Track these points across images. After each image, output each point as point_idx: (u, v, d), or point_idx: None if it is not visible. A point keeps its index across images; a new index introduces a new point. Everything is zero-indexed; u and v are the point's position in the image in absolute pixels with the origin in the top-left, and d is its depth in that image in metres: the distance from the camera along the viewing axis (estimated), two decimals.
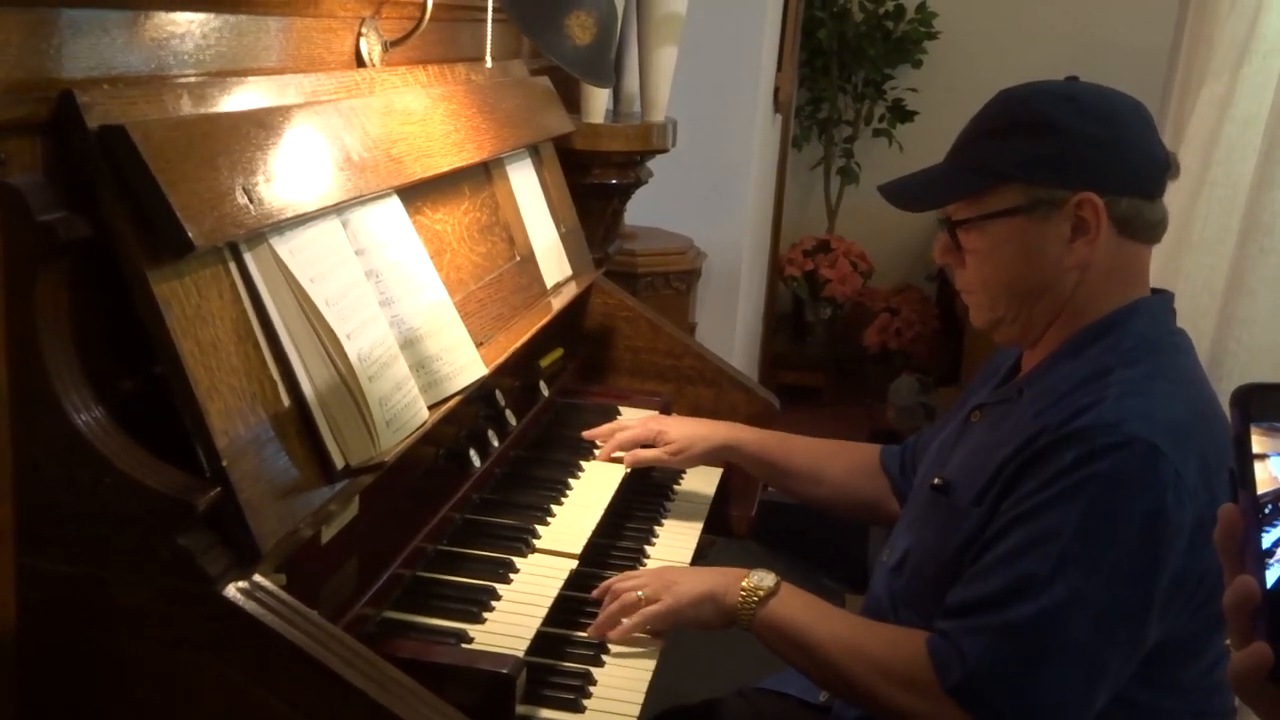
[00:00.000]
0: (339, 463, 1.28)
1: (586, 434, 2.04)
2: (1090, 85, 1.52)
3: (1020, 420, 1.46)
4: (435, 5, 1.73)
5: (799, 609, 1.54)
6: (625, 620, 1.58)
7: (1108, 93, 1.50)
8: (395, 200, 1.55)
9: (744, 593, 1.55)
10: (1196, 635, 1.41)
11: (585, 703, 1.47)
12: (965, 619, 1.39)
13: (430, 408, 1.47)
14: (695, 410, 2.29)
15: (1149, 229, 1.49)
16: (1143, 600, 1.34)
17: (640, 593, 1.59)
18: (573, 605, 1.64)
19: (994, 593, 1.37)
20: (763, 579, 1.56)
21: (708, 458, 2.02)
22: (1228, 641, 0.72)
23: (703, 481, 2.11)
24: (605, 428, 2.04)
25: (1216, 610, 1.39)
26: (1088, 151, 1.45)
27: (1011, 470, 1.41)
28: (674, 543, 1.93)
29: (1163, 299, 1.54)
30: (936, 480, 1.55)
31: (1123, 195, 1.45)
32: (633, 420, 2.04)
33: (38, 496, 1.10)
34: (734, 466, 2.10)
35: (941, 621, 1.43)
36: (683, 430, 1.99)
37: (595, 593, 1.65)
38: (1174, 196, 2.35)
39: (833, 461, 1.96)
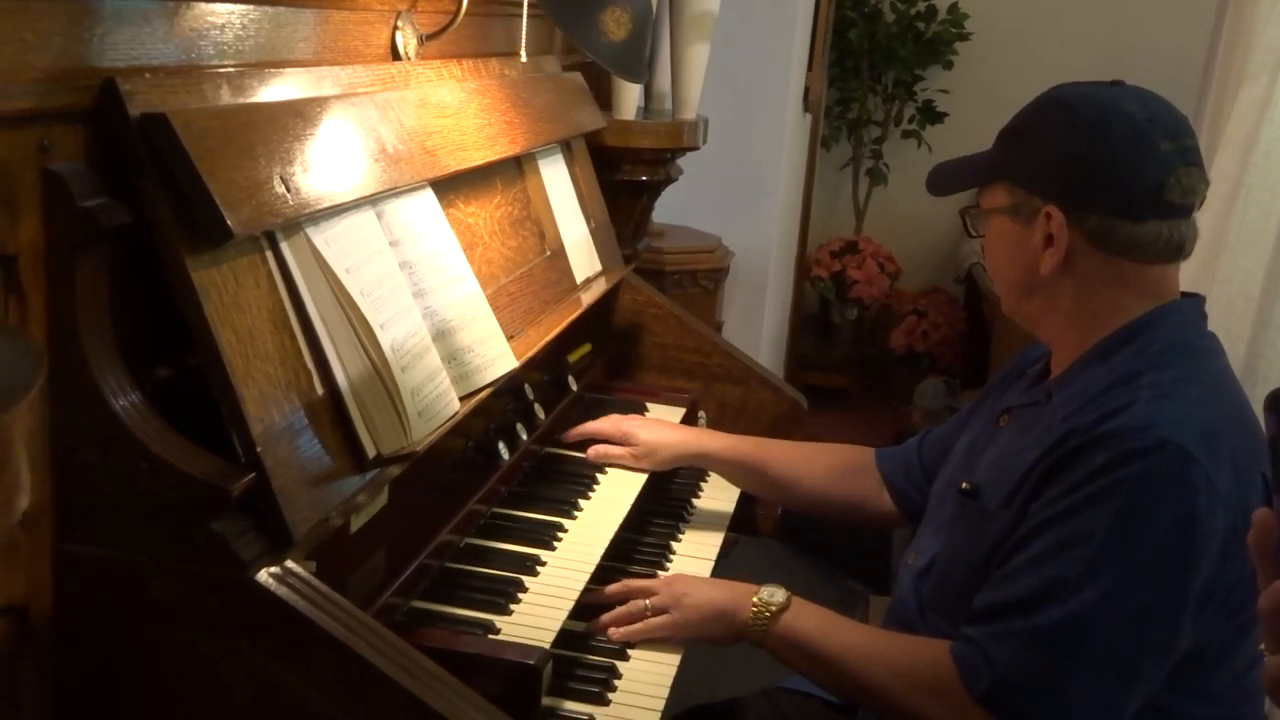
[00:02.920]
0: (370, 452, 1.29)
1: (568, 435, 1.99)
2: (1107, 94, 1.48)
3: (1049, 423, 1.45)
4: (470, 0, 1.74)
5: (812, 622, 1.53)
6: (631, 627, 1.59)
7: (1116, 106, 1.45)
8: (429, 193, 1.56)
9: (755, 609, 1.55)
10: (1228, 641, 1.39)
11: (610, 696, 1.48)
12: (993, 623, 1.38)
13: (461, 399, 1.47)
14: (722, 408, 2.29)
15: (1133, 248, 1.45)
16: (1174, 605, 1.33)
17: (648, 602, 1.60)
18: (599, 599, 1.64)
19: (1022, 596, 1.36)
20: (773, 594, 1.55)
21: (676, 463, 2.00)
22: (1261, 646, 0.72)
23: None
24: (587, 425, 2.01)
25: (1248, 615, 1.39)
26: (1060, 166, 1.46)
27: (1040, 472, 1.41)
28: (699, 540, 1.93)
29: (1193, 303, 1.52)
30: (965, 484, 1.55)
31: (1092, 213, 1.44)
32: (609, 416, 2.02)
33: (75, 481, 1.12)
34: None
35: (968, 627, 1.41)
36: (652, 434, 1.96)
37: (609, 589, 1.65)
38: (1210, 201, 2.33)
39: (812, 464, 1.94)
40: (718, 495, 2.08)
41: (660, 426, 2.02)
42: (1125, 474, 1.33)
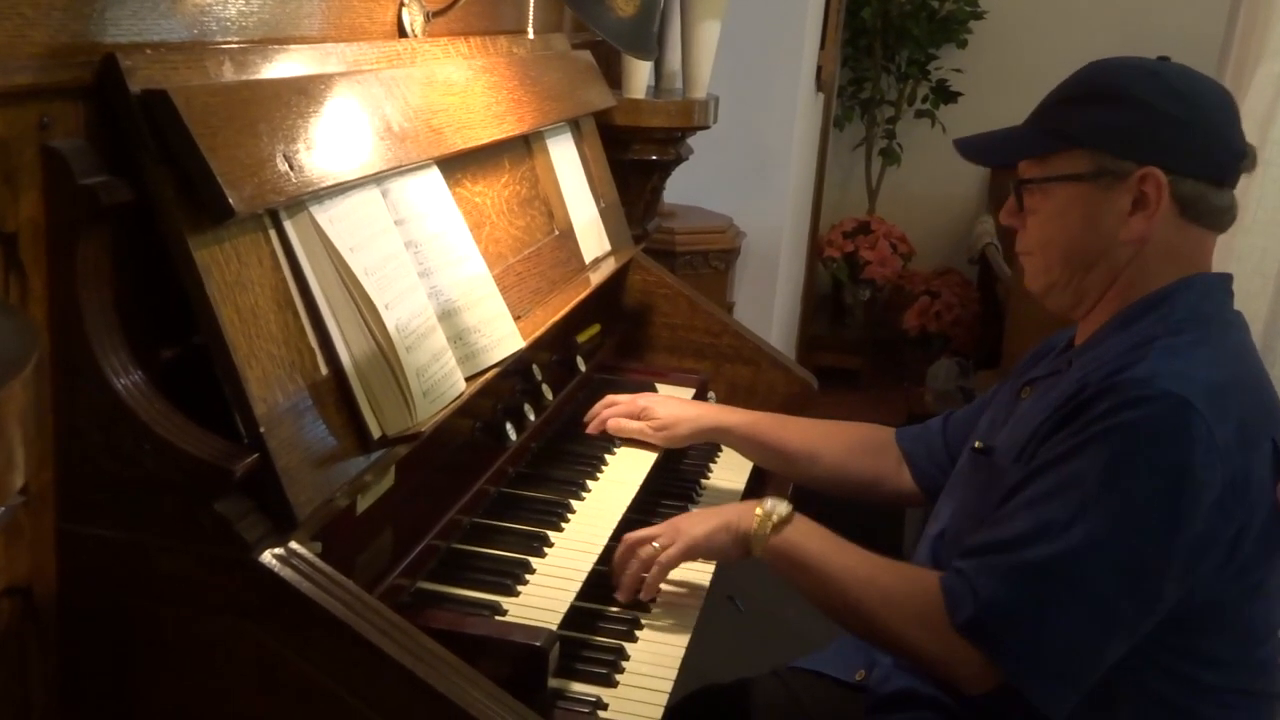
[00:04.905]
0: (375, 433, 1.28)
1: (587, 421, 1.99)
2: (1179, 66, 1.50)
3: (1066, 386, 1.46)
4: None
5: (814, 538, 1.54)
6: (648, 575, 1.58)
7: (1195, 75, 1.48)
8: (435, 171, 1.55)
9: (759, 518, 1.55)
10: (1237, 603, 1.39)
11: (618, 678, 1.47)
12: (983, 557, 1.40)
13: (467, 380, 1.46)
14: (733, 388, 2.28)
15: (1213, 215, 1.47)
16: (1163, 552, 1.33)
17: (655, 543, 1.60)
18: (606, 580, 1.63)
19: (1014, 534, 1.38)
20: (777, 505, 1.55)
21: (694, 438, 1.99)
22: None
23: (738, 460, 2.09)
24: (596, 407, 2.01)
25: (1255, 580, 1.38)
26: (1160, 127, 1.44)
27: (1050, 425, 1.42)
28: None
29: (1219, 277, 1.52)
30: (978, 444, 1.55)
31: (1188, 176, 1.44)
32: (623, 396, 2.02)
33: (78, 461, 1.11)
34: None
35: (959, 560, 1.43)
36: (669, 409, 1.96)
37: (615, 557, 1.63)
38: None
39: (829, 440, 1.93)
40: (727, 475, 2.07)
41: (677, 403, 2.01)
42: (1123, 420, 1.34)
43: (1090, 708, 1.37)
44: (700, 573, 1.71)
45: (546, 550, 1.59)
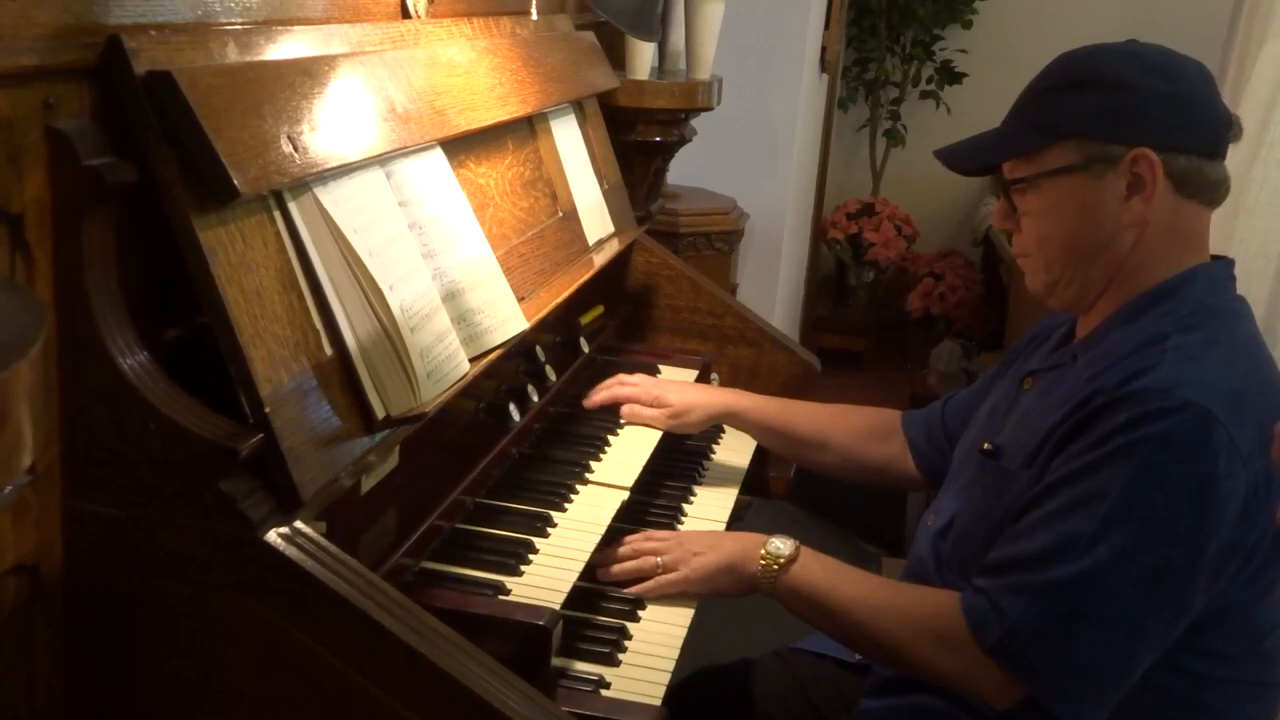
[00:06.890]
0: (380, 413, 1.29)
1: (593, 401, 1.99)
2: (1153, 44, 1.49)
3: (1074, 385, 1.44)
4: None
5: (820, 573, 1.54)
6: (641, 585, 1.60)
7: (1169, 51, 1.47)
8: (439, 153, 1.55)
9: (763, 561, 1.55)
10: (1248, 604, 1.39)
11: (620, 657, 1.48)
12: (1006, 576, 1.38)
13: (471, 361, 1.47)
14: (735, 370, 2.29)
15: (1208, 189, 1.45)
16: (1188, 565, 1.32)
17: (659, 559, 1.61)
18: (607, 561, 1.64)
19: (1037, 551, 1.36)
20: (781, 546, 1.56)
21: (706, 424, 2.00)
22: None
23: (741, 442, 2.10)
24: (607, 382, 2.01)
25: (1269, 578, 1.38)
26: (1147, 106, 1.42)
27: (1064, 432, 1.40)
28: (711, 502, 1.93)
29: (1223, 265, 1.51)
30: (986, 445, 1.54)
31: (1181, 152, 1.42)
32: (636, 377, 2.02)
33: (84, 440, 1.12)
34: None
35: (979, 578, 1.41)
36: (682, 395, 1.97)
37: (619, 553, 1.64)
38: (1231, 159, 2.30)
39: (838, 426, 1.94)
40: (730, 457, 2.08)
41: (690, 389, 2.01)
42: (1145, 433, 1.32)
43: None
44: None
45: (550, 530, 1.60)
